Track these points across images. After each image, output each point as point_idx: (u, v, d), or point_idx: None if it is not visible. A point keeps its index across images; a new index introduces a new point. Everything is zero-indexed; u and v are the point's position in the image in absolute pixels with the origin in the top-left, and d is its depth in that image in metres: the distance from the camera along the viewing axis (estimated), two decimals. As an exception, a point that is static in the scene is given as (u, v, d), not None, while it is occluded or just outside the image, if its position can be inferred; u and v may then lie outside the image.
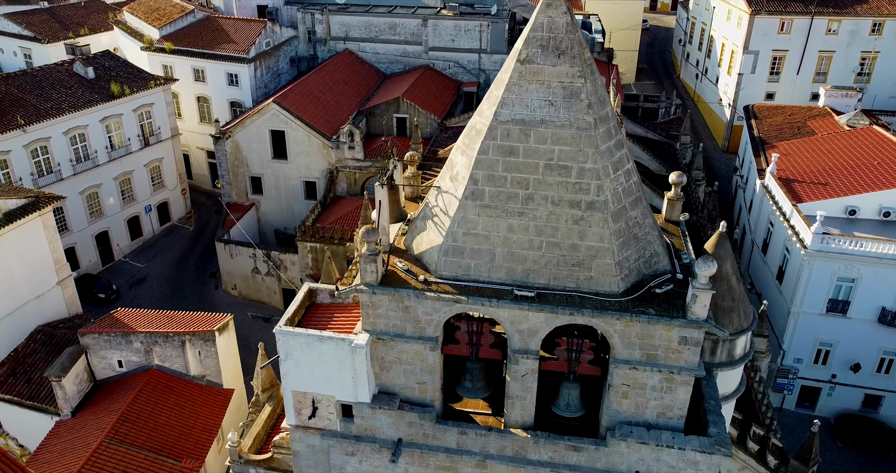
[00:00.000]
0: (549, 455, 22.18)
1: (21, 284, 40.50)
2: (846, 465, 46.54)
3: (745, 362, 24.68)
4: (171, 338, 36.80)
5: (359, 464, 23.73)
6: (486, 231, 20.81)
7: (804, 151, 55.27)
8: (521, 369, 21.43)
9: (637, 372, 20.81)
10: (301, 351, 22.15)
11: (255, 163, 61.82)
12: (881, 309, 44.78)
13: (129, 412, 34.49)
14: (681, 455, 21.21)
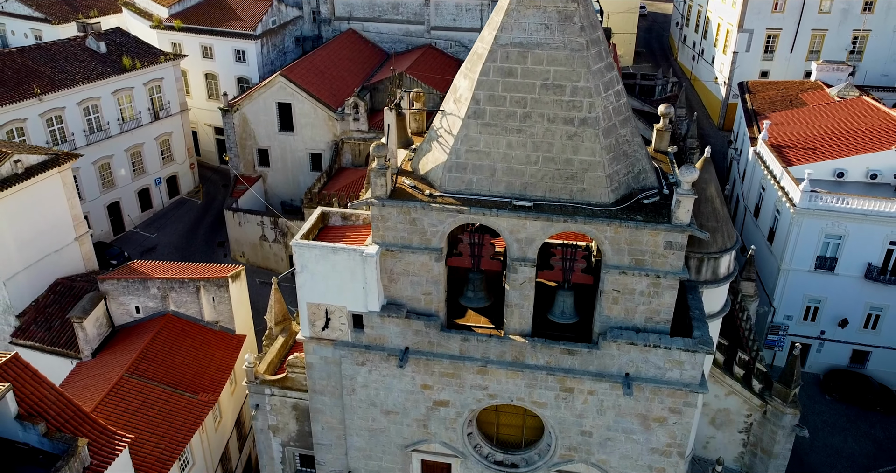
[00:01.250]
0: (545, 359, 23.93)
1: (41, 238, 42.20)
2: (834, 417, 48.24)
3: (729, 281, 26.40)
4: (187, 284, 38.54)
5: (368, 374, 25.48)
6: (487, 148, 22.55)
7: (795, 121, 56.96)
8: (520, 277, 23.18)
9: (626, 278, 22.55)
10: (315, 262, 23.91)
11: (263, 136, 63.53)
12: (867, 265, 46.44)
13: (147, 351, 36.21)
14: (667, 355, 22.96)
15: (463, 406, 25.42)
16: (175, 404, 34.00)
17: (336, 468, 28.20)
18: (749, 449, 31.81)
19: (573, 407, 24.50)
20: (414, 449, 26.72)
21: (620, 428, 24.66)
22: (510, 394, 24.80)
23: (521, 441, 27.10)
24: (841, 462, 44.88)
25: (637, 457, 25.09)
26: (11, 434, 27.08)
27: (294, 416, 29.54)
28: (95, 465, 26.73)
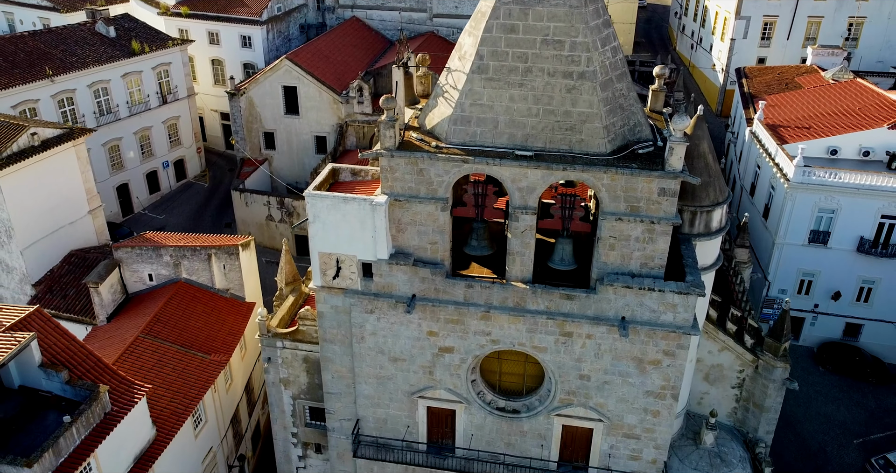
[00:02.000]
0: (545, 304, 25.17)
1: (56, 210, 43.44)
2: (827, 387, 49.44)
3: (721, 235, 27.65)
4: (199, 252, 39.78)
5: (377, 321, 26.73)
6: (490, 101, 23.79)
7: (790, 102, 58.17)
8: (521, 225, 24.43)
9: (622, 224, 23.80)
10: (327, 212, 25.16)
11: (269, 119, 64.76)
12: (859, 238, 47.66)
13: (161, 314, 37.45)
14: (661, 298, 24.21)
15: (467, 352, 26.66)
16: (188, 363, 35.25)
17: (345, 416, 29.45)
18: (742, 404, 33.04)
19: (572, 351, 25.74)
20: (420, 396, 27.96)
21: (617, 372, 25.90)
22: (512, 339, 26.04)
23: (522, 389, 28.33)
24: (833, 430, 46.10)
25: (633, 400, 26.33)
26: (35, 383, 28.40)
27: (304, 369, 30.78)
28: (115, 411, 28.00)
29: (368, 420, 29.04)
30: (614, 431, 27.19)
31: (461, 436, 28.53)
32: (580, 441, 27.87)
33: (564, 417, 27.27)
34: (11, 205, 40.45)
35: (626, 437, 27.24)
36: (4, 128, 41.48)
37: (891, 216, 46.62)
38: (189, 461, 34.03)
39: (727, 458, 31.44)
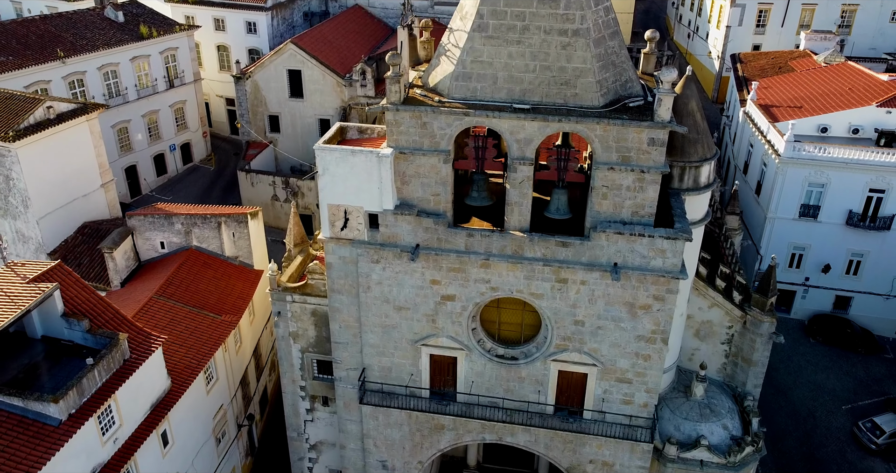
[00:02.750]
0: (542, 252, 26.63)
1: (70, 182, 44.93)
2: (818, 357, 50.89)
3: (709, 190, 29.09)
4: (209, 220, 41.27)
5: (382, 271, 28.20)
6: (490, 58, 25.26)
7: (783, 84, 59.64)
8: (519, 176, 25.89)
9: (614, 173, 25.27)
10: (336, 165, 26.64)
11: (273, 102, 66.25)
12: (848, 212, 49.15)
13: (173, 278, 38.92)
14: (651, 243, 25.68)
15: (468, 300, 28.11)
16: (200, 322, 36.74)
17: (351, 366, 30.91)
18: (731, 360, 34.46)
19: (567, 297, 27.20)
20: (423, 344, 29.41)
21: (610, 317, 27.36)
22: (510, 287, 27.50)
23: (520, 338, 29.78)
24: (823, 397, 47.58)
25: (625, 345, 27.79)
26: (57, 333, 29.90)
27: (313, 322, 32.24)
28: (134, 358, 29.50)
29: (374, 368, 30.49)
30: (607, 376, 28.65)
31: (462, 383, 29.98)
32: (575, 387, 29.32)
33: (560, 363, 28.71)
34: (28, 175, 41.94)
35: (619, 381, 28.70)
36: (21, 101, 42.98)
37: (878, 190, 48.09)
38: (201, 415, 35.48)
39: (716, 409, 32.88)
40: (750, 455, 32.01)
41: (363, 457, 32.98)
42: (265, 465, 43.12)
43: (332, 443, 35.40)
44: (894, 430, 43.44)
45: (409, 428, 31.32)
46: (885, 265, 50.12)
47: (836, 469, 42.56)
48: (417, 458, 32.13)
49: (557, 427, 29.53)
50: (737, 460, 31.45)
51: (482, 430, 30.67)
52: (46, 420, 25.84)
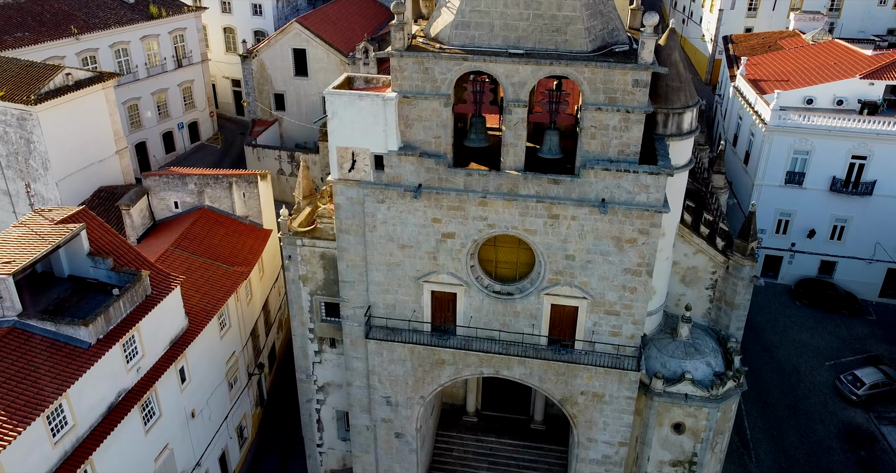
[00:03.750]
0: (535, 189, 28.72)
1: (87, 147, 47.00)
2: (803, 319, 53.03)
3: (692, 136, 31.17)
4: (221, 180, 43.38)
5: (387, 210, 30.29)
6: (487, 8, 27.33)
7: (771, 61, 61.75)
8: (514, 118, 27.97)
9: (602, 114, 27.35)
10: (344, 109, 28.73)
11: (279, 81, 68.40)
12: (832, 178, 51.26)
13: (188, 233, 41.00)
14: (636, 179, 27.77)
15: (467, 237, 30.19)
16: (214, 272, 38.84)
17: (358, 304, 32.98)
18: (715, 304, 36.53)
19: (558, 233, 29.29)
20: (425, 281, 31.48)
21: (598, 251, 29.44)
22: (506, 223, 29.58)
23: (515, 275, 31.86)
24: (807, 354, 49.70)
25: (613, 278, 29.88)
26: (83, 272, 32.05)
27: (321, 265, 34.32)
28: (155, 295, 31.61)
29: (379, 305, 32.58)
30: (596, 308, 30.74)
31: (461, 318, 32.06)
32: (567, 320, 31.40)
33: (553, 296, 30.80)
34: (48, 138, 44.02)
35: (607, 314, 30.79)
36: (41, 68, 45.10)
37: (860, 156, 50.21)
38: (215, 359, 37.58)
39: (700, 348, 34.95)
40: (732, 390, 34.10)
41: (368, 394, 35.05)
42: (274, 416, 45.24)
43: (339, 385, 37.46)
44: (875, 382, 45.58)
45: (411, 364, 33.39)
46: (868, 230, 52.23)
47: (818, 419, 44.66)
48: (419, 393, 34.20)
49: (551, 358, 31.61)
50: (719, 393, 33.52)
51: (480, 364, 32.74)
52: (77, 343, 27.94)
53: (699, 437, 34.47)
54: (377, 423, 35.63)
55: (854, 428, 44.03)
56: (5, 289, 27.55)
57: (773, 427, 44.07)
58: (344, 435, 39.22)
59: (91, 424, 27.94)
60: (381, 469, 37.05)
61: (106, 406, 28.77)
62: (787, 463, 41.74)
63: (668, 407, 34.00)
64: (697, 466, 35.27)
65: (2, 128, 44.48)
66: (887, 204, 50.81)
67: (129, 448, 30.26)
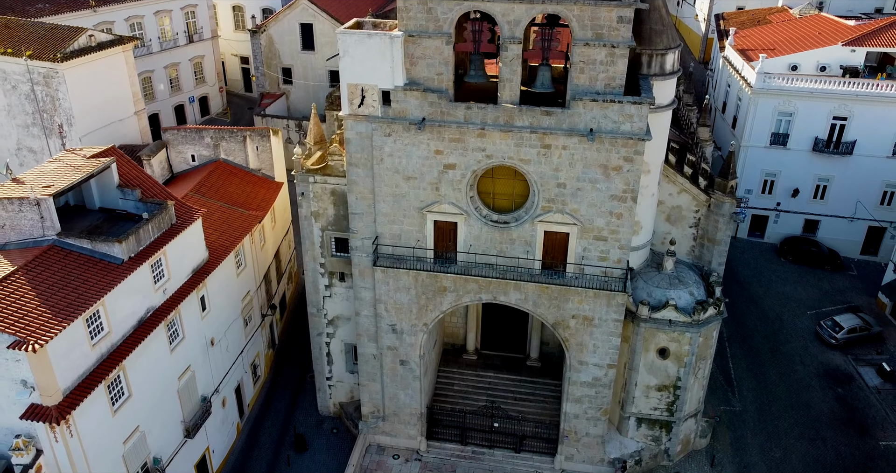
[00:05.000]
0: (529, 121, 31.38)
1: (108, 106, 49.65)
2: (787, 273, 55.65)
3: (675, 77, 33.87)
4: (235, 134, 46.06)
5: (393, 143, 32.96)
6: (485, -47, 29.96)
7: (759, 33, 64.40)
8: (510, 55, 30.61)
9: (589, 49, 29.97)
10: (354, 47, 31.39)
11: (287, 55, 71.10)
12: (814, 139, 53.87)
13: (205, 181, 43.69)
14: (621, 109, 30.42)
15: (467, 168, 32.84)
16: (231, 214, 41.53)
17: (366, 235, 35.61)
18: (698, 242, 39.19)
19: (551, 162, 31.93)
20: (428, 210, 34.12)
21: (587, 179, 32.08)
22: (503, 154, 32.22)
23: (511, 206, 34.48)
24: (790, 304, 52.33)
25: (600, 204, 32.51)
26: (113, 203, 34.76)
27: (332, 201, 36.96)
28: (179, 224, 34.28)
29: (385, 236, 35.22)
30: (586, 234, 33.37)
31: (462, 245, 34.69)
32: (559, 246, 34.03)
33: (546, 223, 33.41)
34: (73, 95, 46.68)
35: (596, 239, 33.42)
36: (66, 30, 47.81)
37: (841, 117, 52.82)
38: (232, 294, 40.25)
39: (684, 279, 37.62)
40: (713, 316, 36.77)
41: (375, 323, 37.68)
42: (285, 360, 47.91)
43: (348, 318, 40.11)
44: (853, 326, 48.19)
45: (415, 292, 36.03)
46: (849, 189, 54.85)
47: (799, 361, 47.29)
48: (423, 320, 36.84)
49: (544, 282, 34.26)
50: (700, 319, 36.18)
51: (479, 290, 35.39)
52: (111, 259, 30.61)
53: (682, 362, 37.14)
54: (383, 351, 38.27)
55: (832, 369, 46.66)
56: (46, 209, 30.24)
57: (756, 368, 46.70)
58: (352, 368, 41.86)
59: (123, 334, 30.59)
60: (386, 397, 39.69)
61: (136, 319, 31.44)
62: (768, 399, 44.35)
63: (654, 333, 36.70)
64: (681, 390, 37.95)
65: (29, 86, 47.18)
66: (867, 163, 53.43)
67: (156, 363, 32.92)
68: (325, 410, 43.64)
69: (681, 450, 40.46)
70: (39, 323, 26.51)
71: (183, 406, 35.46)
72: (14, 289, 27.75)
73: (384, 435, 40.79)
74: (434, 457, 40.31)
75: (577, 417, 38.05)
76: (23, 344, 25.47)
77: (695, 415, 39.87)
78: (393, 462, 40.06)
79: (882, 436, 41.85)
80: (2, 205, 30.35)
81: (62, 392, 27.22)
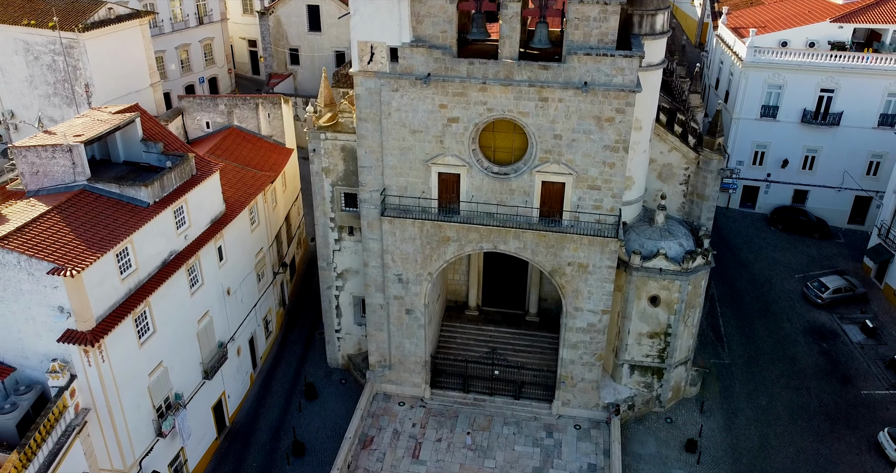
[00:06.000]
0: (528, 75, 33.59)
1: (126, 77, 51.97)
2: (777, 240, 57.82)
3: (665, 36, 36.06)
4: (248, 101, 48.33)
5: (400, 98, 35.18)
6: (486, -83, 32.18)
7: (751, 13, 66.59)
8: (510, 12, 32.82)
9: (584, 6, 32.16)
10: (364, 6, 33.64)
11: (294, 36, 73.34)
12: (803, 110, 56.04)
13: (220, 145, 45.95)
14: (613, 63, 32.63)
15: (469, 121, 35.06)
16: (245, 174, 43.78)
17: (374, 188, 37.81)
18: (688, 199, 41.37)
19: (547, 114, 34.14)
20: (433, 163, 36.33)
21: (582, 130, 34.29)
22: (503, 107, 34.43)
23: (510, 159, 36.68)
24: (779, 268, 54.53)
25: (594, 154, 34.71)
26: (136, 157, 37.02)
27: (342, 157, 39.19)
28: (199, 175, 36.51)
29: (392, 188, 37.43)
30: (581, 184, 35.57)
31: (464, 195, 36.89)
32: (555, 195, 36.22)
33: (543, 174, 35.62)
34: (93, 64, 48.97)
35: (590, 189, 35.61)
36: (86, 3, 50.11)
37: (828, 89, 54.99)
38: (246, 248, 42.47)
39: (674, 232, 39.81)
40: (701, 266, 38.97)
41: (382, 273, 39.87)
42: (294, 319, 50.15)
43: (356, 271, 42.33)
44: (838, 287, 50.38)
45: (420, 242, 38.23)
46: (836, 159, 57.02)
47: (786, 319, 49.47)
48: (427, 270, 39.04)
49: (542, 229, 36.46)
50: (689, 267, 38.38)
51: (480, 239, 37.59)
52: (138, 202, 32.86)
53: (672, 309, 39.34)
54: (390, 301, 40.48)
55: (818, 326, 48.84)
56: (78, 156, 32.50)
57: (745, 325, 48.88)
58: (360, 321, 44.08)
59: (149, 272, 32.85)
60: (392, 346, 41.91)
61: (161, 260, 33.69)
62: (755, 353, 46.53)
63: (645, 281, 38.90)
64: (672, 337, 40.15)
65: (51, 57, 49.46)
66: (853, 134, 55.60)
67: (177, 304, 35.15)
68: (333, 362, 45.88)
69: (672, 397, 42.65)
70: (75, 253, 28.77)
71: (202, 348, 37.70)
72: (49, 226, 30.00)
73: (390, 384, 42.99)
74: (437, 404, 42.52)
75: (574, 363, 40.24)
76: (61, 270, 27.71)
77: (685, 363, 42.05)
78: (399, 408, 42.27)
79: (864, 386, 44.04)
80: (36, 152, 32.61)
81: (95, 319, 29.46)
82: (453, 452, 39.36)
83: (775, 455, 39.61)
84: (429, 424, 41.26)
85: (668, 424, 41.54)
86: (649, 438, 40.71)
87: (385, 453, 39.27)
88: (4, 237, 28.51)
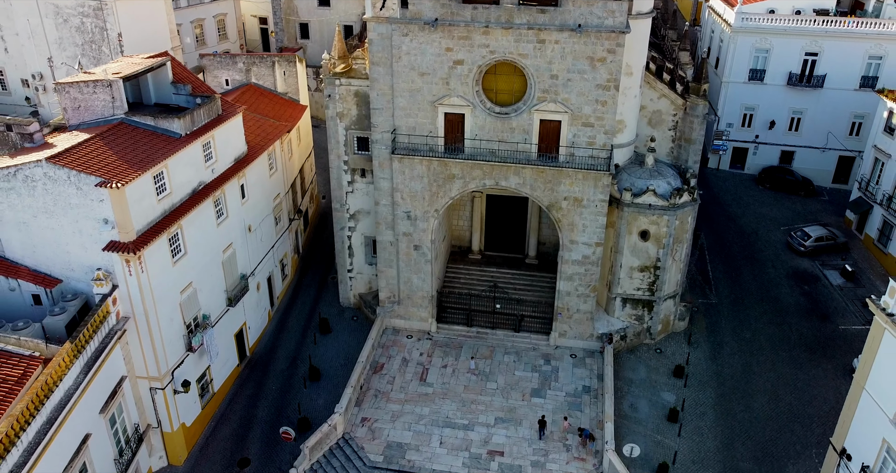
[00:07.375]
0: (526, 18, 36.74)
1: (150, 39, 55.11)
2: (764, 198, 60.91)
3: (652, -13, 39.18)
4: (265, 60, 51.54)
5: (410, 42, 38.34)
6: None
7: (743, -14, 69.74)
8: (510, -39, 35.97)
9: (577, -46, 35.33)
10: (377, -44, 36.76)
11: (304, 11, 76.53)
12: (788, 73, 59.11)
13: (238, 99, 49.09)
14: (604, 6, 35.81)
15: (473, 63, 38.21)
16: (263, 124, 46.95)
17: (385, 128, 40.97)
18: (676, 143, 44.50)
19: (545, 55, 37.28)
20: (439, 103, 39.48)
21: (576, 70, 37.43)
22: (504, 49, 37.58)
23: (511, 101, 39.78)
24: (765, 221, 57.63)
25: (588, 93, 37.86)
26: (167, 99, 40.15)
27: (355, 102, 42.34)
28: (224, 115, 39.68)
29: (402, 128, 40.57)
30: (575, 121, 38.71)
31: (468, 133, 40.03)
32: (552, 133, 39.34)
33: (541, 112, 38.77)
34: (121, 25, 52.16)
35: (584, 126, 38.75)
36: (113, -32, 53.30)
37: (813, 53, 58.06)
38: (265, 191, 45.61)
39: (663, 172, 42.93)
40: (688, 202, 42.09)
41: (392, 211, 43.03)
42: (307, 266, 53.31)
43: (368, 212, 45.48)
44: (820, 236, 53.46)
45: (427, 180, 41.38)
46: (820, 120, 60.09)
47: (770, 265, 52.56)
48: (434, 206, 42.18)
49: (540, 165, 39.60)
50: (677, 203, 41.49)
51: (483, 176, 40.73)
52: (171, 133, 36.03)
53: (661, 243, 42.46)
54: (399, 237, 43.63)
55: (801, 271, 51.93)
56: (117, 90, 35.68)
57: (732, 271, 51.98)
58: (370, 260, 47.22)
59: (181, 197, 36.02)
60: (401, 281, 45.05)
61: (191, 188, 36.84)
62: (741, 294, 49.63)
63: (636, 216, 42.01)
64: (661, 270, 43.26)
65: (80, 19, 52.68)
66: (836, 96, 58.66)
67: (205, 232, 38.28)
68: (345, 301, 49.04)
69: (661, 330, 45.75)
70: (119, 170, 31.95)
71: (226, 276, 40.84)
72: (93, 150, 33.19)
73: (399, 319, 46.13)
74: (443, 337, 45.67)
75: (570, 294, 43.37)
76: (108, 183, 30.89)
77: (673, 297, 45.15)
78: (407, 340, 45.42)
79: (842, 322, 47.10)
80: (78, 88, 35.80)
81: (136, 232, 32.63)
82: (458, 376, 42.50)
83: (757, 380, 42.69)
84: (435, 353, 44.39)
85: (657, 354, 44.64)
86: (640, 366, 43.82)
87: (395, 377, 42.41)
88: (56, 155, 31.70)
